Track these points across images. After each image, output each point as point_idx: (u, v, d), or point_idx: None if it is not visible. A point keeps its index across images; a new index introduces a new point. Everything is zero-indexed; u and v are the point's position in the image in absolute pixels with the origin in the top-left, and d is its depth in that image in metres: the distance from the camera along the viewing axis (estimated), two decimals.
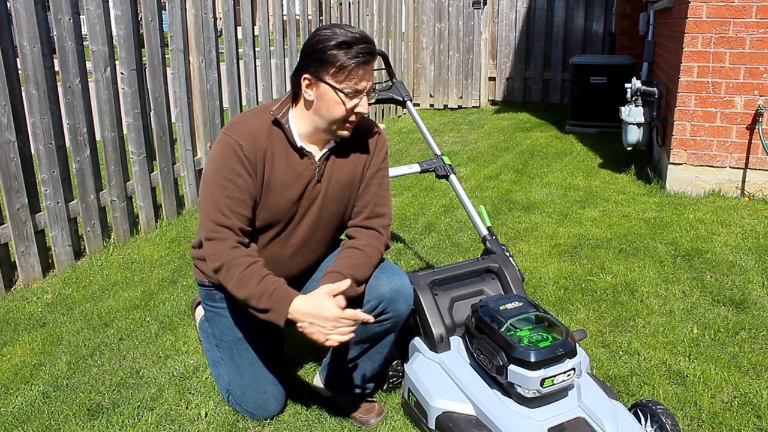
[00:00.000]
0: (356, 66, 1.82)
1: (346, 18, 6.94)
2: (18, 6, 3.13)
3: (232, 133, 1.90)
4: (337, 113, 1.88)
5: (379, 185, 2.09)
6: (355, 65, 1.82)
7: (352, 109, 1.88)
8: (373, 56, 1.87)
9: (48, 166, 3.36)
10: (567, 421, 1.81)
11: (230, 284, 1.85)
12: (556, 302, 3.00)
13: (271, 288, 1.82)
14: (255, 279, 1.82)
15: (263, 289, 1.82)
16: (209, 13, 4.41)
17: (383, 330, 2.03)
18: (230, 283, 1.85)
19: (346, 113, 1.88)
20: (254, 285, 1.82)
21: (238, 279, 1.83)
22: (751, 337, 2.65)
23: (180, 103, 4.30)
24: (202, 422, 2.17)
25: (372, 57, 1.86)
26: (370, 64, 1.87)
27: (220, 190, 1.87)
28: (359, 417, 2.14)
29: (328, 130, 1.93)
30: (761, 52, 4.29)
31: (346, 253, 2.00)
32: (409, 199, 4.67)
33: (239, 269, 1.83)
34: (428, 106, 9.15)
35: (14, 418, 2.20)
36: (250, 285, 1.82)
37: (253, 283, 1.82)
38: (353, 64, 1.81)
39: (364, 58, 1.83)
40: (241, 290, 1.83)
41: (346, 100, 1.86)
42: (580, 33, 8.70)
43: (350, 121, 1.92)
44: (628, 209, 4.34)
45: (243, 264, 1.84)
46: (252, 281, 1.82)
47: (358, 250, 2.00)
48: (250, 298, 1.82)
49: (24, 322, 2.90)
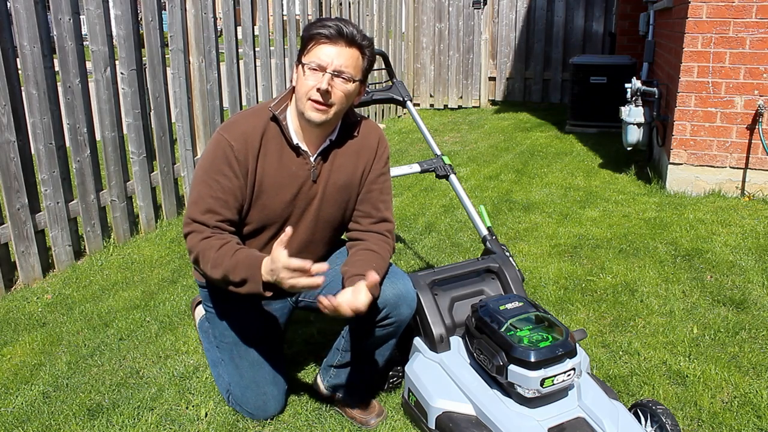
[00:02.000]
0: (320, 39, 1.81)
1: (345, 18, 6.94)
2: (18, 6, 3.13)
3: (226, 133, 1.91)
4: (300, 90, 1.86)
5: (381, 190, 2.09)
6: (320, 37, 1.81)
7: (313, 85, 1.83)
8: (346, 37, 1.82)
9: (48, 166, 3.36)
10: (567, 421, 1.81)
11: (208, 268, 1.86)
12: (556, 302, 2.99)
13: (242, 258, 1.82)
14: (228, 255, 1.83)
15: (236, 261, 1.82)
16: (209, 13, 4.41)
17: (385, 334, 2.03)
18: (207, 267, 1.86)
19: (307, 88, 1.84)
20: (228, 260, 1.82)
21: (213, 260, 1.84)
22: (751, 337, 2.65)
23: (180, 103, 4.30)
24: (202, 422, 2.17)
25: (343, 38, 1.82)
26: (340, 42, 1.83)
27: (206, 189, 1.89)
28: (359, 417, 2.14)
29: (300, 114, 1.91)
30: (761, 52, 4.29)
31: (365, 255, 1.98)
32: (409, 199, 4.67)
33: (212, 251, 1.85)
34: (428, 106, 9.15)
35: (14, 418, 2.20)
36: (224, 262, 1.83)
37: (226, 259, 1.82)
38: (319, 36, 1.81)
39: (329, 31, 1.81)
40: (217, 269, 1.84)
41: (308, 72, 1.84)
42: (580, 33, 8.70)
43: (314, 99, 1.85)
44: (628, 209, 4.34)
45: (215, 246, 1.85)
46: (225, 258, 1.83)
47: (374, 252, 1.99)
48: (227, 273, 1.82)
49: (24, 322, 2.90)
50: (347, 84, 1.87)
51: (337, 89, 1.86)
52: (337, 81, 1.85)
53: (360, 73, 1.90)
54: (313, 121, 1.89)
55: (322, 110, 1.87)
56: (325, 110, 1.88)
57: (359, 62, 1.88)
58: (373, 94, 2.94)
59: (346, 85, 1.87)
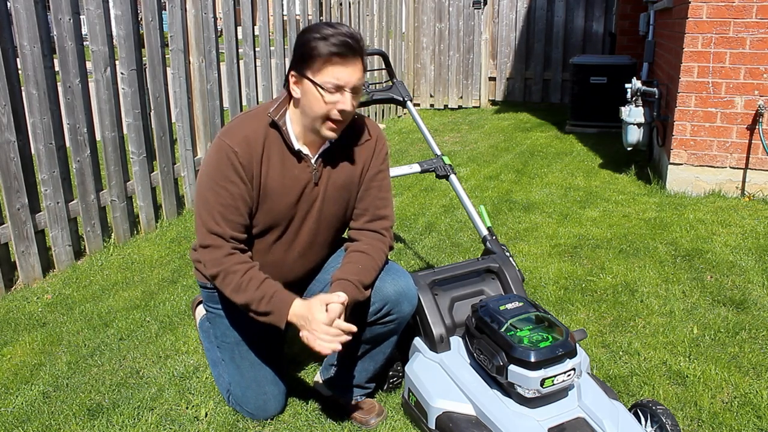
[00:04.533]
0: (333, 58, 1.79)
1: (346, 18, 6.94)
2: (18, 6, 3.13)
3: (227, 138, 1.89)
4: (317, 110, 1.84)
5: (380, 188, 2.09)
6: (331, 57, 1.79)
7: (332, 106, 1.83)
8: (355, 52, 1.81)
9: (48, 166, 3.36)
10: (567, 422, 1.81)
11: (228, 290, 1.88)
12: (556, 302, 2.99)
13: (270, 291, 1.86)
14: (254, 284, 1.86)
15: (263, 293, 1.85)
16: (209, 13, 4.41)
17: (387, 331, 2.04)
18: (228, 289, 1.88)
19: (326, 110, 1.83)
20: (253, 290, 1.86)
21: (237, 285, 1.87)
22: (751, 338, 2.65)
23: (180, 103, 4.30)
24: (202, 422, 2.17)
25: (353, 52, 1.81)
26: (351, 58, 1.81)
27: (214, 197, 1.88)
28: (359, 417, 2.14)
29: (314, 130, 1.90)
30: (761, 52, 4.29)
31: (353, 258, 1.99)
32: (409, 199, 4.67)
33: (237, 276, 1.87)
34: (428, 106, 9.15)
35: (14, 418, 2.20)
36: (249, 290, 1.86)
37: (252, 288, 1.86)
38: (330, 56, 1.79)
39: (340, 50, 1.78)
40: (241, 295, 1.87)
41: (326, 94, 1.82)
42: (580, 33, 8.69)
43: (333, 120, 1.85)
44: (628, 209, 4.34)
45: (240, 270, 1.87)
46: (251, 286, 1.86)
47: (364, 254, 1.99)
48: (250, 302, 1.86)
49: (24, 322, 2.90)
50: (359, 95, 1.89)
51: (353, 103, 1.87)
52: (354, 96, 1.86)
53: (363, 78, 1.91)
54: (329, 138, 1.92)
55: (339, 128, 1.90)
56: (342, 126, 1.90)
57: (363, 69, 1.89)
58: (373, 94, 2.93)
59: (358, 95, 1.89)
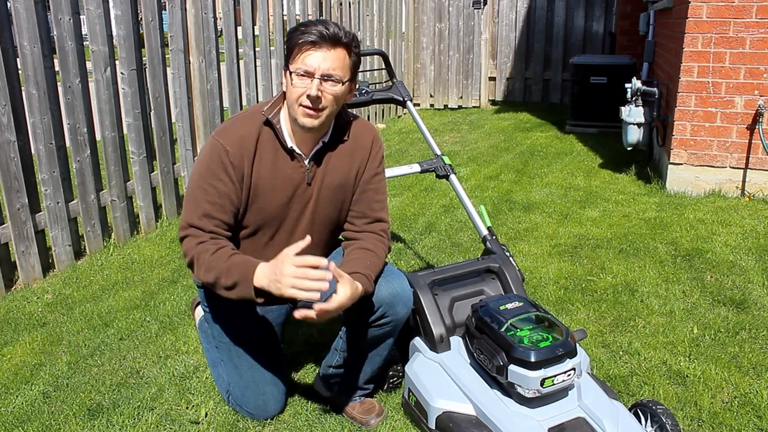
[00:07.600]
0: (305, 45, 1.80)
1: (346, 18, 6.94)
2: (18, 6, 3.13)
3: (221, 137, 1.91)
4: (290, 96, 1.87)
5: (376, 190, 2.09)
6: (304, 44, 1.80)
7: (302, 91, 1.83)
8: (329, 40, 1.80)
9: (48, 166, 3.36)
10: (567, 421, 1.81)
11: (201, 272, 1.87)
12: (556, 302, 2.99)
13: (236, 261, 1.84)
14: (222, 259, 1.85)
15: (230, 265, 1.83)
16: (209, 13, 4.41)
17: (382, 333, 2.03)
18: (201, 270, 1.87)
19: (296, 95, 1.84)
20: (221, 264, 1.84)
21: (207, 263, 1.85)
22: (751, 337, 2.65)
23: (180, 103, 4.30)
24: (202, 422, 2.17)
25: (326, 41, 1.80)
26: (324, 46, 1.81)
27: (202, 194, 1.90)
28: (359, 417, 2.14)
29: (294, 120, 1.91)
30: (761, 52, 4.29)
31: (358, 254, 1.98)
32: (409, 199, 4.67)
33: (207, 254, 1.86)
34: (428, 106, 9.14)
35: (14, 418, 2.20)
36: (217, 265, 1.84)
37: (220, 263, 1.84)
38: (303, 44, 1.80)
39: (312, 38, 1.79)
40: (210, 273, 1.85)
41: (295, 79, 1.83)
42: (580, 33, 8.69)
43: (305, 105, 1.85)
44: (629, 209, 4.34)
45: (210, 250, 1.87)
46: (219, 262, 1.84)
47: (368, 250, 2.00)
48: (218, 277, 1.84)
49: (24, 322, 2.90)
50: (336, 86, 1.86)
51: (327, 93, 1.85)
52: (327, 85, 1.84)
53: (348, 72, 1.88)
54: (306, 126, 1.90)
55: (314, 115, 1.87)
56: (317, 115, 1.87)
57: (346, 61, 1.87)
58: (373, 94, 2.93)
59: (336, 87, 1.86)
